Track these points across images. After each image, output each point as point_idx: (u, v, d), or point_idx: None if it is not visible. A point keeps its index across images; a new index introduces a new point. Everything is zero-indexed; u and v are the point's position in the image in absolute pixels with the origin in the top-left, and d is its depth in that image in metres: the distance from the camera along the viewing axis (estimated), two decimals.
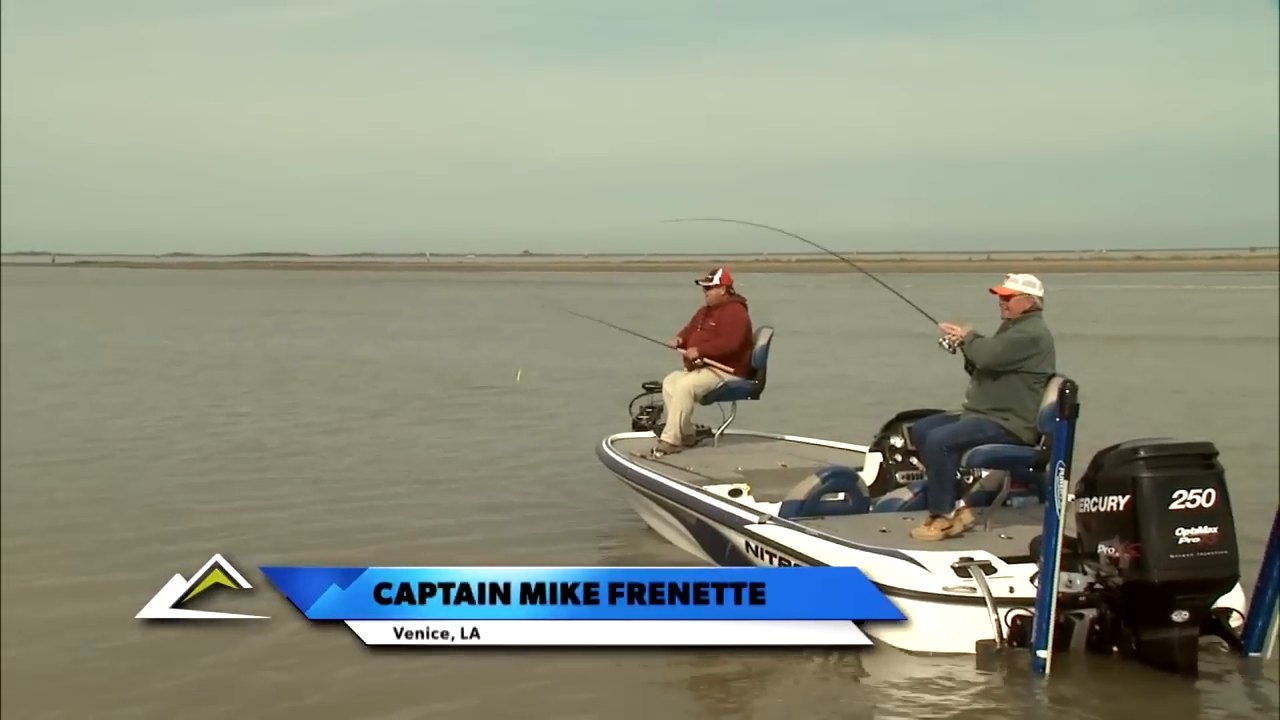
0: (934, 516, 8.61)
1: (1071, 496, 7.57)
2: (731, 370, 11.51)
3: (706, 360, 11.44)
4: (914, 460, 9.78)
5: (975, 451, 8.56)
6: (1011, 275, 8.98)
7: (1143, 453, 7.34)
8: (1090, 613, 7.65)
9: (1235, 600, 7.76)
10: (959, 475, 8.96)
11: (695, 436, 11.60)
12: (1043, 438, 8.34)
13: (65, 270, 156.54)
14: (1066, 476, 7.43)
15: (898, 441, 10.07)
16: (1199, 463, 7.38)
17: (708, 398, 11.51)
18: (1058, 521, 7.40)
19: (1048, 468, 7.69)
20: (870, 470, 10.10)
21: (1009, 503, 9.14)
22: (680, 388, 11.30)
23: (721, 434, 11.65)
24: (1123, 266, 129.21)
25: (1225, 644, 7.75)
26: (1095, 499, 7.47)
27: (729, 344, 11.53)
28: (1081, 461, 7.65)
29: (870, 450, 10.27)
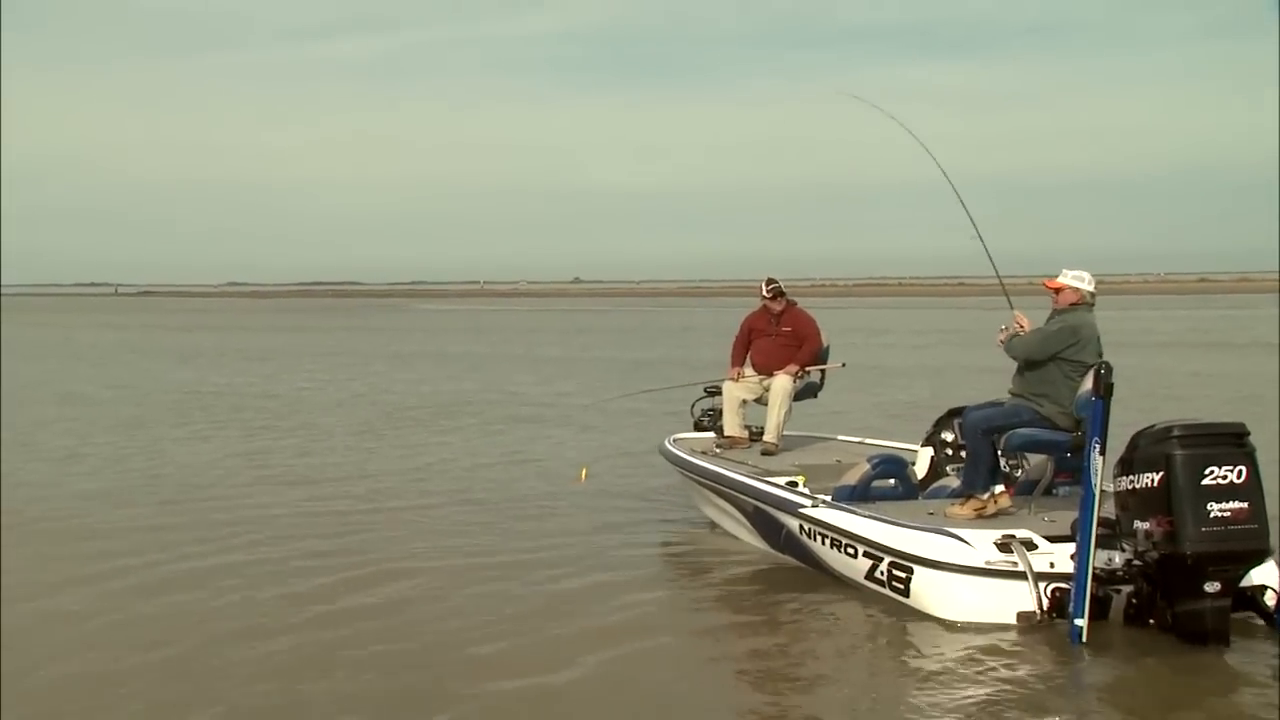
0: (968, 496, 9.18)
1: (1109, 480, 8.18)
2: (817, 367, 12.28)
3: (808, 369, 12.18)
4: (964, 454, 10.36)
5: (1012, 434, 9.09)
6: (1065, 270, 9.55)
7: (1177, 431, 7.82)
8: (1128, 588, 8.16)
9: (1270, 577, 8.23)
10: (1004, 461, 9.59)
11: (752, 437, 12.25)
12: (1080, 424, 8.80)
13: (132, 299, 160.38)
14: (1102, 453, 7.98)
15: (949, 436, 10.64)
16: (1231, 441, 7.84)
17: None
18: (1094, 495, 7.94)
19: (1084, 448, 8.25)
20: (922, 464, 10.68)
21: (1055, 491, 9.66)
22: (784, 390, 11.88)
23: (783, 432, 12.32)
24: (1191, 289, 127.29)
25: (1260, 619, 8.21)
26: (1131, 477, 7.96)
27: (818, 344, 12.28)
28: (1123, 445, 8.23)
29: (922, 445, 10.86)
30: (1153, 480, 7.84)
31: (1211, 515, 7.68)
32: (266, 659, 7.97)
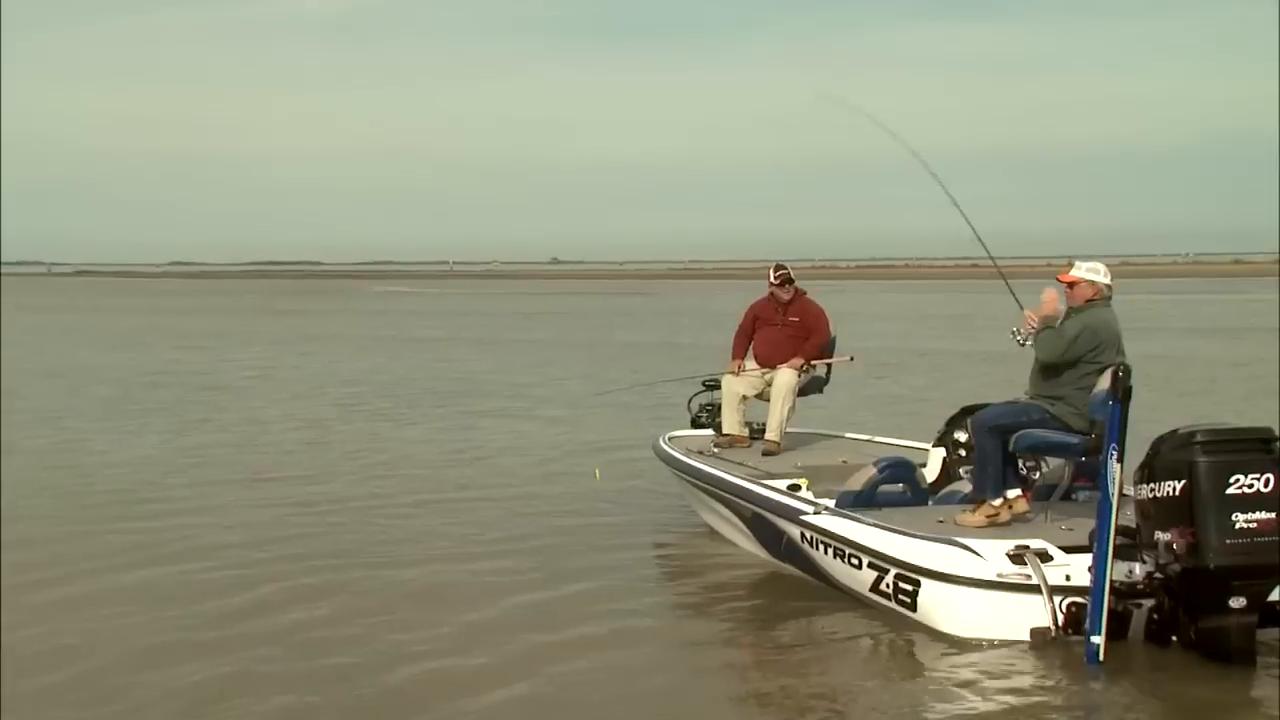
0: (979, 503, 9.17)
1: (1130, 485, 8.23)
2: (826, 361, 12.28)
3: (814, 363, 12.15)
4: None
5: (1022, 435, 9.07)
6: (1077, 262, 9.53)
7: (1200, 437, 7.80)
8: (1149, 602, 8.16)
9: None
10: (1022, 464, 9.61)
11: (753, 435, 12.23)
12: (1095, 426, 8.77)
13: (66, 280, 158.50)
14: (1119, 460, 7.95)
15: (962, 436, 10.57)
16: (1258, 448, 7.82)
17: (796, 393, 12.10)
18: (1111, 504, 7.92)
19: (1101, 454, 8.22)
20: (934, 466, 10.66)
21: (1074, 496, 9.63)
22: (787, 385, 11.83)
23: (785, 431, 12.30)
24: (1225, 271, 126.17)
25: None
26: (1153, 485, 7.93)
27: (826, 337, 12.24)
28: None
29: (934, 445, 10.82)
30: (1174, 489, 7.82)
31: (1236, 526, 7.67)
32: (198, 673, 8.02)
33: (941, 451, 10.74)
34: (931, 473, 10.63)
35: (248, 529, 11.95)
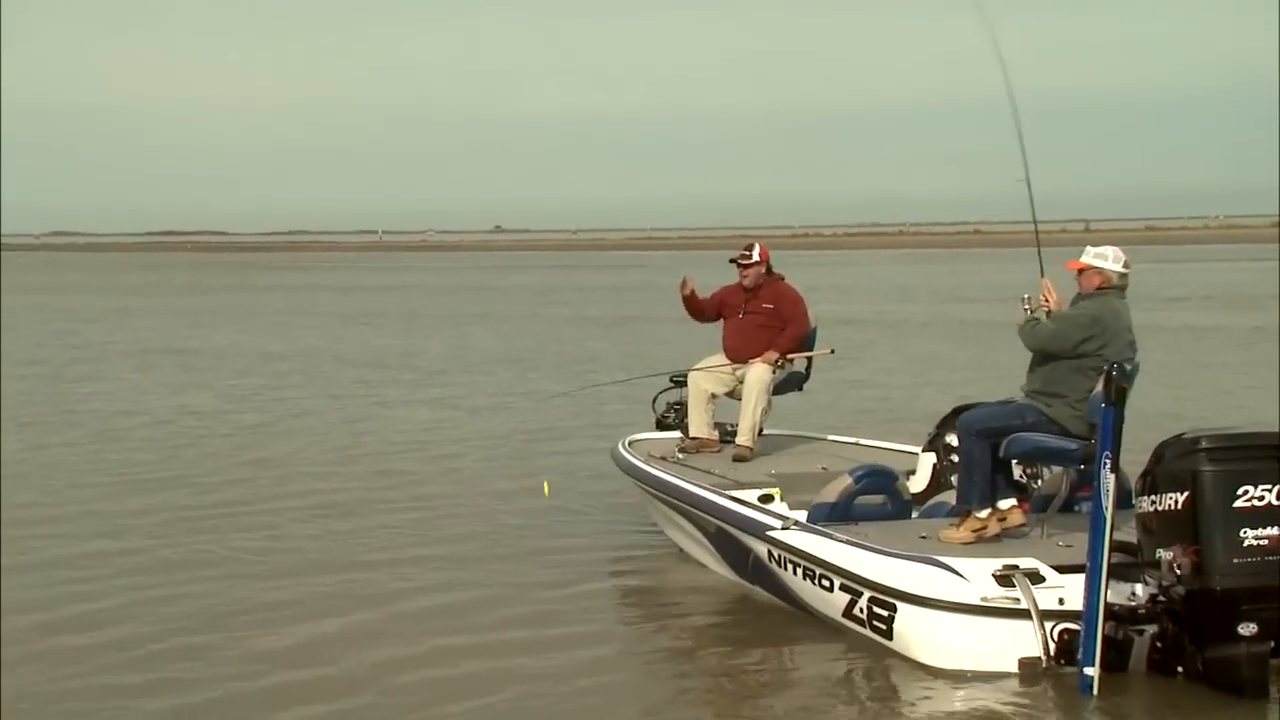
0: (964, 515, 8.92)
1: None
2: (802, 354, 11.94)
3: (790, 357, 11.82)
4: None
5: (1013, 439, 8.80)
6: (1089, 247, 9.29)
7: (1204, 443, 7.59)
8: (1152, 628, 7.93)
9: None
10: (1019, 471, 9.37)
11: (723, 438, 11.90)
12: (1095, 430, 8.40)
13: None
14: (1113, 470, 7.73)
15: (954, 440, 10.40)
16: (1269, 454, 7.60)
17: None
18: (1105, 520, 7.67)
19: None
20: (923, 472, 10.41)
21: (1076, 508, 9.35)
22: (761, 382, 11.52)
23: (761, 432, 12.01)
24: (1261, 235, 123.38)
25: None
26: (1154, 497, 7.72)
27: (804, 328, 11.91)
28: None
29: (923, 450, 10.59)
30: (1177, 501, 7.60)
31: (1245, 544, 7.46)
32: None
33: (931, 457, 10.51)
34: (921, 481, 10.40)
35: (98, 537, 11.80)
